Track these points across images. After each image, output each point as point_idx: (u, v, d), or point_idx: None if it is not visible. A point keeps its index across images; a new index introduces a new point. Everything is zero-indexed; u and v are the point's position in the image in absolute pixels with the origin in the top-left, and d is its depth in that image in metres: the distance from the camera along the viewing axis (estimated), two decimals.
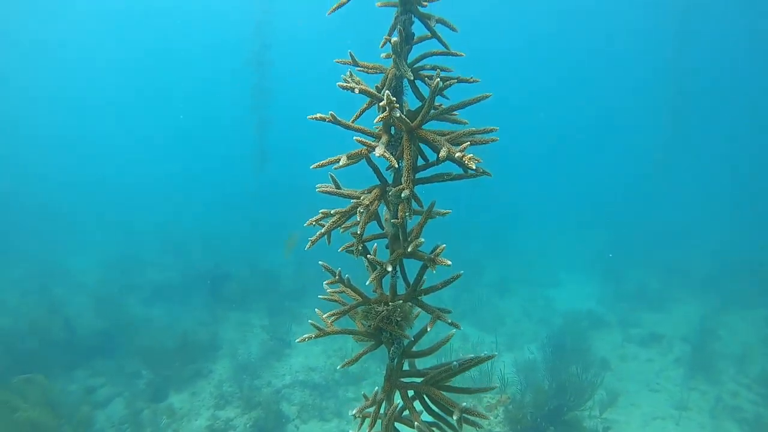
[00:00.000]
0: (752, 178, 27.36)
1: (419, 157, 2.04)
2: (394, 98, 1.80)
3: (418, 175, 2.07)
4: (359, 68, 2.10)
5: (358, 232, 1.99)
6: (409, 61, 2.05)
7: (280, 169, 19.30)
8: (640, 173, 30.97)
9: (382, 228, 2.26)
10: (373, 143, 1.90)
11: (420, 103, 2.08)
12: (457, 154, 1.77)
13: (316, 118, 1.86)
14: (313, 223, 2.13)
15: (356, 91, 1.90)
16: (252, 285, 13.35)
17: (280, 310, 12.13)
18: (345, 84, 1.92)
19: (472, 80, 2.09)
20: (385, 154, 1.79)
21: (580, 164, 38.66)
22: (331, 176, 2.20)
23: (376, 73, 2.12)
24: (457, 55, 2.12)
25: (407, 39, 2.00)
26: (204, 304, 13.03)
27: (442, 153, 1.81)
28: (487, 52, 44.78)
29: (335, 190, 2.14)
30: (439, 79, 1.87)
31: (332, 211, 2.07)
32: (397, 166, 1.95)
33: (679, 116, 24.09)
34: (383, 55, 2.11)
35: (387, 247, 2.27)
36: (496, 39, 43.11)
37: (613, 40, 41.14)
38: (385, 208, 2.20)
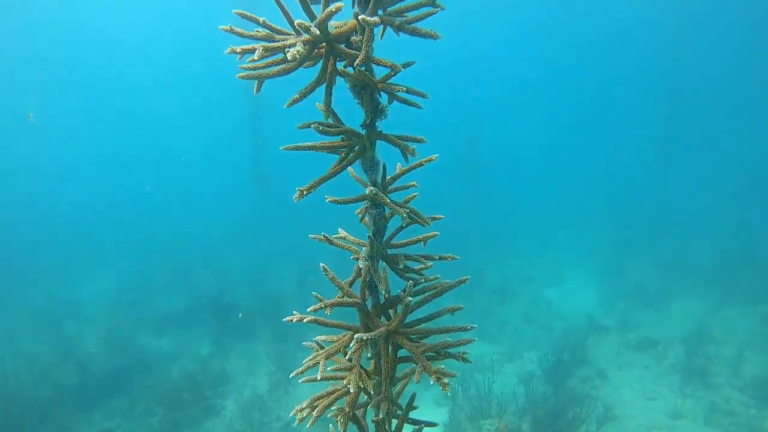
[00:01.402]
0: (755, 168, 27.41)
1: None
2: None
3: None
4: None
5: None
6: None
7: (279, 190, 19.52)
8: (640, 164, 31.08)
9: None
10: None
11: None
12: (432, 379, 1.89)
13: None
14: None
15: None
16: (256, 311, 13.67)
17: (285, 336, 12.44)
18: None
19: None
20: None
21: (579, 157, 38.74)
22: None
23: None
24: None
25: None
26: (211, 334, 13.37)
27: (416, 376, 1.94)
28: (484, 46, 44.74)
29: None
30: (410, 297, 2.02)
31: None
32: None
33: (679, 105, 24.15)
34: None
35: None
36: (492, 32, 43.02)
37: (611, 30, 40.97)
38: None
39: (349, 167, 2.06)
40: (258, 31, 1.80)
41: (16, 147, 40.32)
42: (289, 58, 1.65)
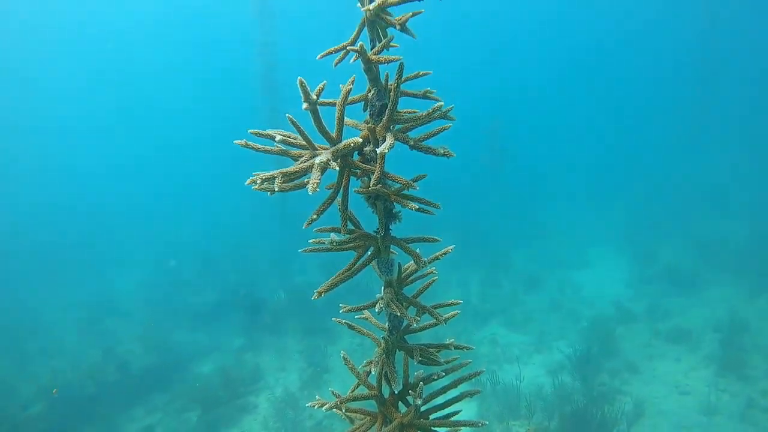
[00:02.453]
0: None
1: None
2: None
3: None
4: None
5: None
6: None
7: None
8: (670, 136, 29.95)
9: None
10: None
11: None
12: None
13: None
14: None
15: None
16: (285, 306, 13.93)
17: (314, 331, 12.68)
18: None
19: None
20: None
21: (607, 131, 37.55)
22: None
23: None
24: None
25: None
26: (241, 329, 13.73)
27: None
28: (509, 21, 43.40)
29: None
30: (419, 401, 2.09)
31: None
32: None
33: (713, 72, 22.97)
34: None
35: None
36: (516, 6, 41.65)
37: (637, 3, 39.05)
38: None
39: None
40: (274, 148, 1.87)
41: (38, 147, 41.57)
42: (309, 191, 1.63)
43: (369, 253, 2.11)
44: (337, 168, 1.79)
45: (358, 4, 1.89)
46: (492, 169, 21.91)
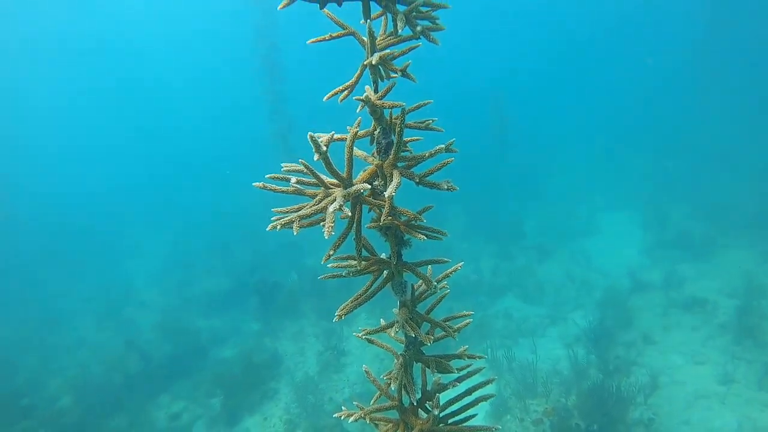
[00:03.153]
0: None
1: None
2: None
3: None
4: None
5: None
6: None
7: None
8: (680, 91, 29.16)
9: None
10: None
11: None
12: None
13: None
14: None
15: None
16: (299, 289, 14.06)
17: (330, 313, 12.77)
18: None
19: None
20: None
21: (614, 90, 36.55)
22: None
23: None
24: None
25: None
26: (257, 314, 13.92)
27: None
28: None
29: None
30: (436, 412, 2.10)
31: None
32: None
33: (722, 20, 22.09)
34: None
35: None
36: None
37: None
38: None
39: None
40: (289, 188, 2.00)
41: (50, 136, 41.61)
42: (326, 235, 1.74)
43: (384, 276, 2.26)
44: (349, 213, 1.86)
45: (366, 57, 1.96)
46: (500, 139, 21.57)
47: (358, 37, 2.07)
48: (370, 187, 1.84)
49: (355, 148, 2.04)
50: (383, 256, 2.27)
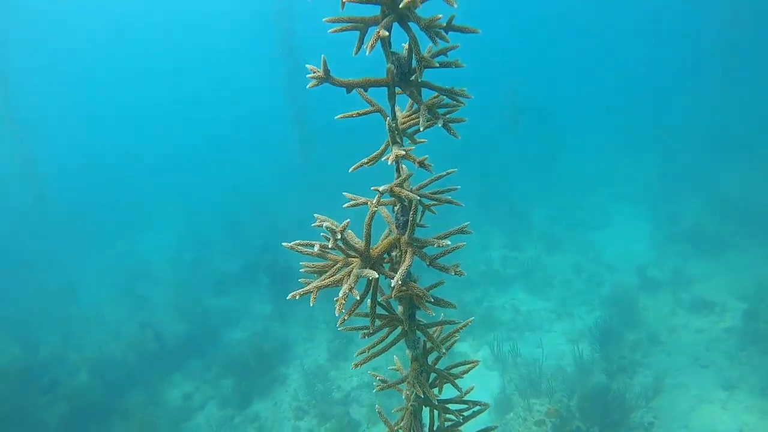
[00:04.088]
0: None
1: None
2: None
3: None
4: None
5: None
6: None
7: (327, 153, 19.46)
8: (695, 87, 28.46)
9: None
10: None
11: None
12: None
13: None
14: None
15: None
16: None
17: None
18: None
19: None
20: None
21: (630, 80, 35.68)
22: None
23: None
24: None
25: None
26: (269, 296, 14.22)
27: None
28: None
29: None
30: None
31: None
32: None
33: (743, 14, 21.44)
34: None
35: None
36: None
37: None
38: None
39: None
40: (314, 251, 2.18)
41: (72, 103, 41.75)
42: (336, 310, 1.99)
43: (398, 332, 2.44)
44: (358, 297, 2.07)
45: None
46: (512, 127, 21.35)
47: (384, 114, 2.16)
48: (377, 275, 1.99)
49: (380, 207, 2.25)
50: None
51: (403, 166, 2.17)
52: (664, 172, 20.75)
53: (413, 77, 1.92)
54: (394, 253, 2.31)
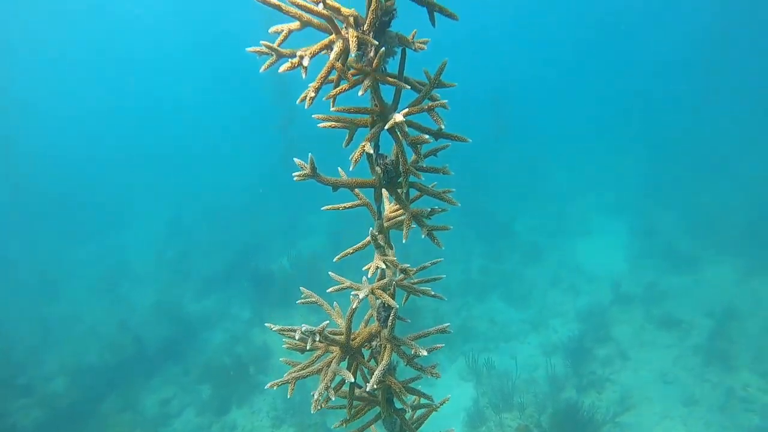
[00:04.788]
0: None
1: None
2: None
3: None
4: None
5: None
6: None
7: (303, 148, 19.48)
8: (679, 98, 29.08)
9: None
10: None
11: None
12: None
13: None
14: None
15: None
16: (291, 277, 14.39)
17: (318, 307, 13.19)
18: None
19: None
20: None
21: (613, 93, 36.22)
22: None
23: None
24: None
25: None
26: (249, 300, 14.29)
27: None
28: None
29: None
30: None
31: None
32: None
33: (726, 29, 21.97)
34: None
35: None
36: None
37: None
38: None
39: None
40: (297, 342, 2.29)
41: (52, 96, 41.01)
42: (316, 396, 2.12)
43: (375, 414, 2.53)
44: (332, 394, 2.17)
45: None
46: (496, 135, 21.63)
47: (371, 210, 2.24)
48: (353, 380, 2.15)
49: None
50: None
51: (388, 270, 2.23)
52: (643, 184, 21.22)
53: (400, 180, 1.95)
54: (374, 343, 2.40)
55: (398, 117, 1.54)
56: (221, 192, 23.47)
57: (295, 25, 1.52)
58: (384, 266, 2.09)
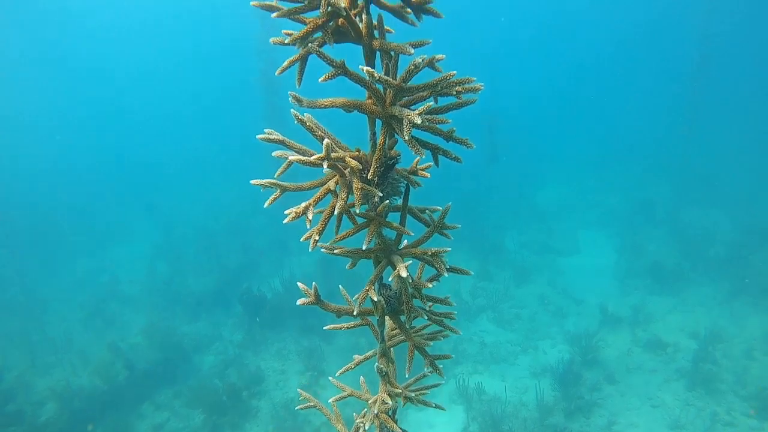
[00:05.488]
0: None
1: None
2: None
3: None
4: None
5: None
6: None
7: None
8: (666, 120, 29.72)
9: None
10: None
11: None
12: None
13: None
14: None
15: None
16: (283, 300, 14.45)
17: (312, 329, 13.29)
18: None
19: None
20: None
21: (603, 111, 36.89)
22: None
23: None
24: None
25: None
26: (241, 323, 14.33)
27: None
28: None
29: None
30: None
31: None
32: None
33: (711, 52, 22.52)
34: None
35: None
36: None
37: None
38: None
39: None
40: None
41: (38, 109, 40.81)
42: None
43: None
44: None
45: None
46: (489, 153, 21.95)
47: (374, 330, 2.37)
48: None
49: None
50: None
51: (389, 401, 2.22)
52: (633, 203, 21.61)
53: (402, 308, 2.01)
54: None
55: (402, 271, 1.66)
56: (210, 209, 23.49)
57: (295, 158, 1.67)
58: (389, 401, 2.14)
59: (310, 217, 1.57)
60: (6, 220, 22.54)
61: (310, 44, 1.52)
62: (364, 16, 1.59)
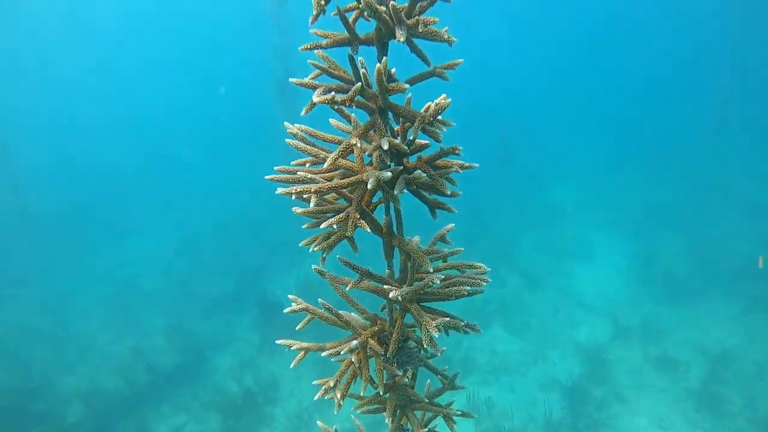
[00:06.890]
0: None
1: None
2: None
3: None
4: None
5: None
6: None
7: None
8: (686, 123, 29.19)
9: None
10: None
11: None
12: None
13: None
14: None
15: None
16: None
17: (326, 337, 13.53)
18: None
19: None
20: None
21: (620, 111, 36.11)
22: None
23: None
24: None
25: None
26: (257, 326, 14.66)
27: None
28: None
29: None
30: None
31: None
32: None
33: (743, 63, 21.96)
34: None
35: None
36: None
37: None
38: None
39: None
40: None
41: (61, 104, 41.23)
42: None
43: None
44: None
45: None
46: (501, 154, 21.86)
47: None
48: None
49: None
50: None
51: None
52: (646, 207, 21.41)
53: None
54: None
55: None
56: (227, 205, 23.77)
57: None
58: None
59: (339, 397, 1.80)
60: (26, 215, 23.00)
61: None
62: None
